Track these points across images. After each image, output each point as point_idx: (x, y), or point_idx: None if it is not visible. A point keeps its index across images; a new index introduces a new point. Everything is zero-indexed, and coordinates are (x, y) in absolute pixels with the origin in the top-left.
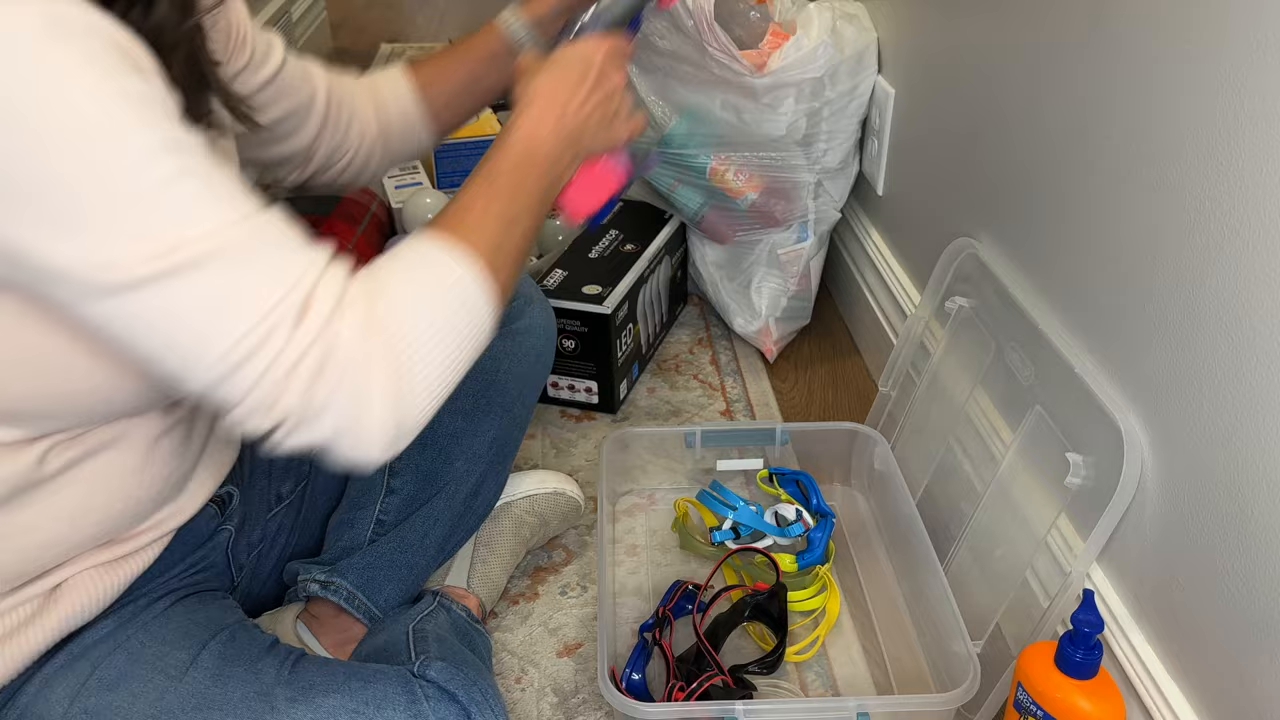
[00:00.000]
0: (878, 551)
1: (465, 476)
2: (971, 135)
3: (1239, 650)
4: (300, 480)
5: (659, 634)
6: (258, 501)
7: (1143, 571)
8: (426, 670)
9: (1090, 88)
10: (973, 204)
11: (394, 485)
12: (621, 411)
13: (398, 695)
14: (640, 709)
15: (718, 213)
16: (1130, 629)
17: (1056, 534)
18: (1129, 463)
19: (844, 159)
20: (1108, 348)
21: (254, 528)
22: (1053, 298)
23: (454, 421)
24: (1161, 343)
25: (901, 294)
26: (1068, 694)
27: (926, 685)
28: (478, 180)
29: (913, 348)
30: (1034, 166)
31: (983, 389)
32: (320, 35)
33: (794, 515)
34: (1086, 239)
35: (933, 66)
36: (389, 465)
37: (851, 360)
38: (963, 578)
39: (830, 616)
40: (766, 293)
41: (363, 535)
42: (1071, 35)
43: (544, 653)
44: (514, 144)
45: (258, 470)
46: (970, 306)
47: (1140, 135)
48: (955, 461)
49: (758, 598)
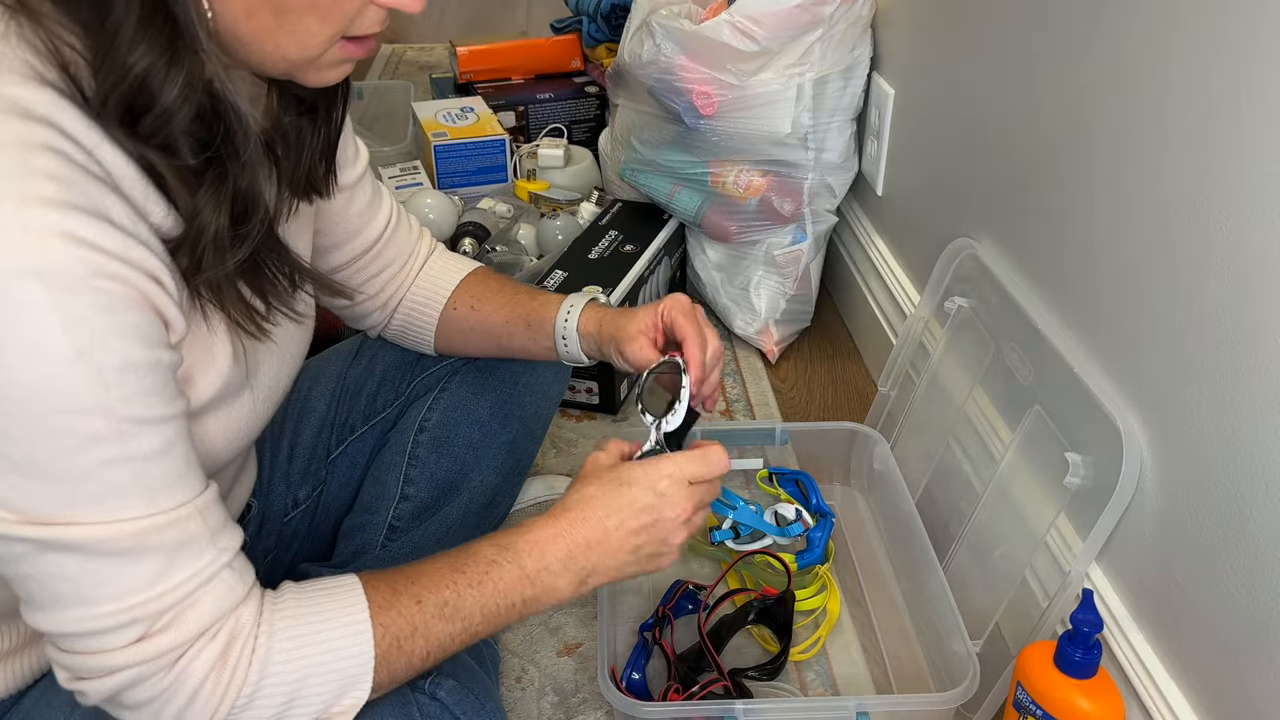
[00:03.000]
0: (877, 551)
1: (480, 486)
2: (971, 136)
3: (1238, 649)
4: (317, 485)
5: (659, 633)
6: (275, 506)
7: (1142, 571)
8: (437, 690)
9: (1090, 88)
10: (972, 204)
11: (408, 492)
12: (622, 411)
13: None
14: (640, 708)
15: (719, 211)
16: (1129, 628)
17: (1056, 533)
18: (1128, 462)
19: (843, 156)
20: (1107, 348)
21: (270, 534)
22: (1052, 298)
23: (471, 433)
24: (1160, 342)
25: (901, 294)
26: (1067, 693)
27: (926, 685)
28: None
29: (912, 348)
30: (1033, 167)
31: (982, 389)
32: None
33: (794, 515)
34: (1086, 239)
35: (933, 66)
36: (404, 472)
37: (851, 360)
38: (962, 577)
39: (830, 616)
40: (765, 294)
41: (375, 540)
42: (1071, 35)
43: (544, 652)
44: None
45: (276, 475)
46: (969, 306)
47: (1140, 135)
48: (954, 461)
49: (766, 602)
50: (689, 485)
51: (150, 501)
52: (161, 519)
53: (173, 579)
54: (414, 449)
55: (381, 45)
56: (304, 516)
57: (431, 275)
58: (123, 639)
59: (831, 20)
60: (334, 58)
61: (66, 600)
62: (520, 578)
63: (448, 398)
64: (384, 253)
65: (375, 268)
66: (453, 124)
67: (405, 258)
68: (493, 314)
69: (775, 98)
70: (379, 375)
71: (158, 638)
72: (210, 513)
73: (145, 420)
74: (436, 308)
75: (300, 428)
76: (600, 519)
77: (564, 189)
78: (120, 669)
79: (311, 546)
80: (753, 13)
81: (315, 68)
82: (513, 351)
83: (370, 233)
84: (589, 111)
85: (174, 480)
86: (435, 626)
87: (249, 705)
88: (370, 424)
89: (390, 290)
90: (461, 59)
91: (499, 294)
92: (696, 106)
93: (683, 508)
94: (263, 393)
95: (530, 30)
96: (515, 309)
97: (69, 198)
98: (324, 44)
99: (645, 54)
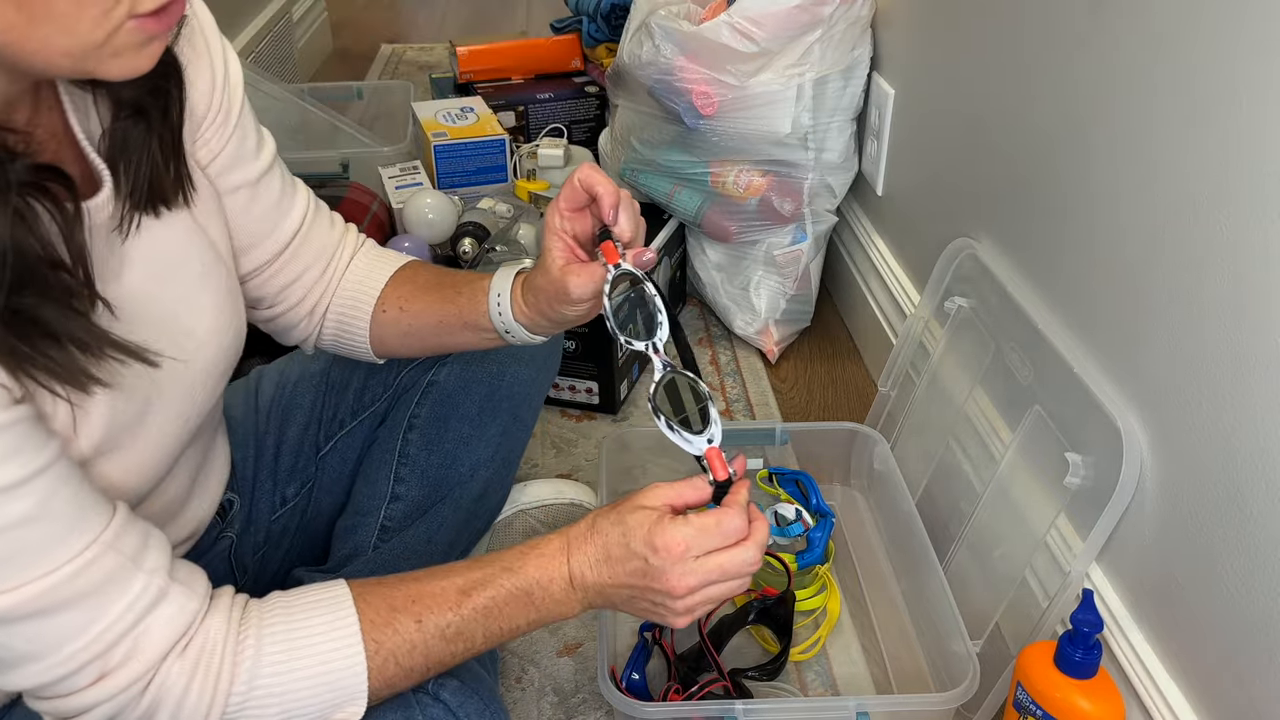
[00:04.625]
0: (877, 551)
1: (471, 481)
2: (971, 135)
3: (1238, 649)
4: (305, 483)
5: (659, 634)
6: (263, 504)
7: (1142, 571)
8: (440, 691)
9: (1089, 88)
10: (972, 204)
11: (399, 491)
12: (622, 411)
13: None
14: (640, 708)
15: (719, 211)
16: (1129, 628)
17: (1056, 533)
18: (1128, 462)
19: (843, 156)
20: (1107, 347)
21: (258, 530)
22: (1052, 298)
23: (460, 427)
24: (1160, 342)
25: (901, 294)
26: (1067, 693)
27: (926, 685)
28: (468, 581)
29: (912, 348)
30: (1033, 167)
31: (982, 389)
32: (321, 36)
33: (794, 515)
34: (1085, 239)
35: (933, 66)
36: (395, 470)
37: (851, 360)
38: (962, 577)
39: (830, 616)
40: (765, 294)
41: (367, 541)
42: (1071, 35)
43: (544, 652)
44: (528, 572)
45: (263, 473)
46: (969, 306)
47: (1139, 135)
48: (954, 461)
49: (766, 603)
50: (692, 560)
51: (50, 558)
52: (66, 570)
53: (106, 618)
54: (404, 447)
55: (381, 45)
56: (293, 514)
57: (356, 276)
58: (84, 680)
59: (831, 20)
60: (130, 40)
61: (13, 662)
62: (527, 605)
63: (436, 392)
64: (300, 253)
65: (292, 272)
66: (453, 124)
67: (327, 259)
68: (423, 314)
69: (775, 98)
70: (365, 369)
71: (118, 673)
72: (124, 540)
73: (12, 485)
74: (366, 311)
75: (286, 424)
76: (597, 563)
77: None
78: (94, 706)
79: (305, 545)
80: (752, 14)
81: (111, 54)
82: (461, 348)
83: (282, 233)
84: (589, 111)
85: (69, 527)
86: (436, 646)
87: (240, 712)
88: (359, 419)
89: (315, 297)
90: (461, 59)
91: (426, 291)
92: (696, 107)
93: (674, 585)
94: (172, 414)
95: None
96: (446, 307)
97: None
98: (99, 25)
99: (644, 55)
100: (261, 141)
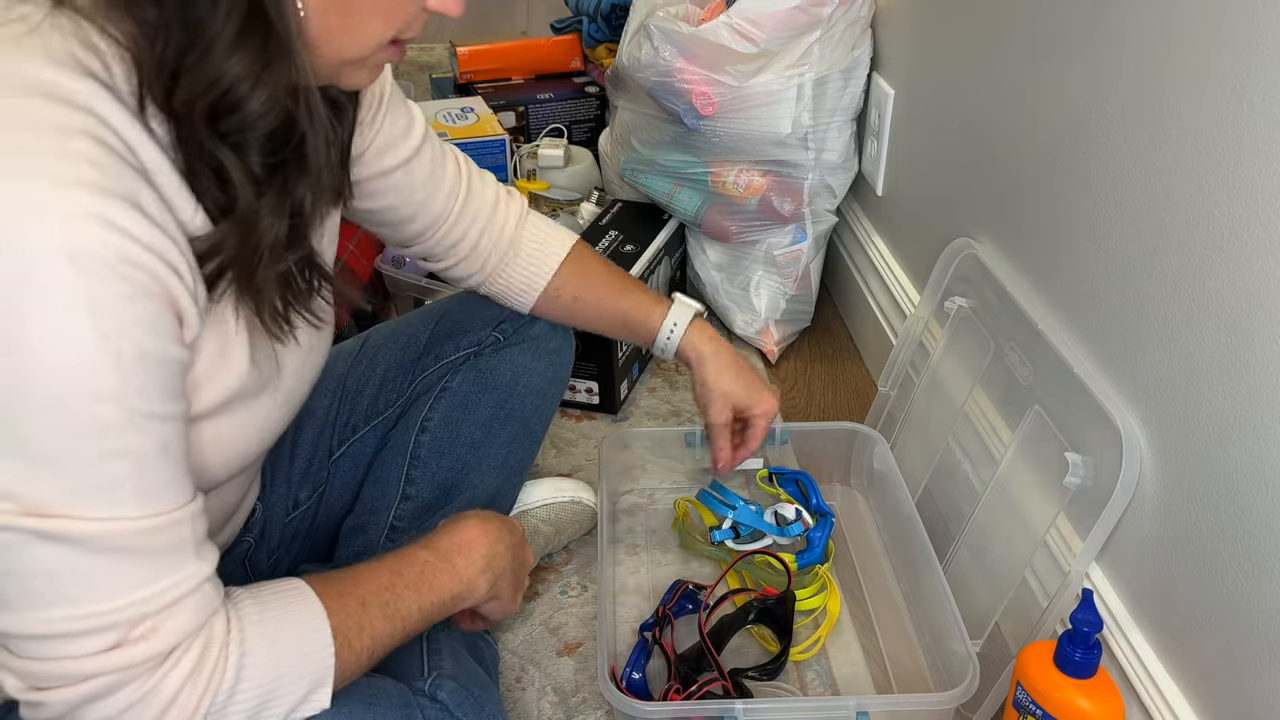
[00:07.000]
0: (877, 551)
1: (481, 486)
2: (971, 135)
3: (1238, 649)
4: (318, 486)
5: (659, 633)
6: (278, 508)
7: (1142, 571)
8: (438, 691)
9: (1089, 88)
10: (972, 204)
11: (409, 492)
12: (622, 411)
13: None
14: (640, 708)
15: (719, 211)
16: (1129, 628)
17: (1055, 533)
18: (1128, 462)
19: (843, 156)
20: (1107, 348)
21: (273, 534)
22: (1052, 298)
23: (472, 432)
24: (1160, 342)
25: (901, 294)
26: (1067, 693)
27: (926, 684)
28: (399, 562)
29: (912, 348)
30: (1033, 166)
31: (982, 389)
32: None
33: (794, 515)
34: (1085, 239)
35: (933, 66)
36: (406, 472)
37: (851, 360)
38: (962, 577)
39: (830, 616)
40: (765, 294)
41: (376, 541)
42: (1071, 34)
43: (544, 652)
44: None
45: (278, 477)
46: (969, 306)
47: (1139, 135)
48: (954, 461)
49: (766, 603)
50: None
51: (146, 502)
52: (155, 521)
53: (158, 584)
54: (415, 449)
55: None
56: (305, 517)
57: (530, 252)
58: (95, 645)
59: (830, 21)
60: (378, 59)
61: (44, 599)
62: (451, 577)
63: (449, 397)
64: (461, 218)
65: (456, 234)
66: (453, 124)
67: (486, 217)
68: (592, 310)
69: (775, 98)
70: (380, 376)
71: (133, 647)
72: (199, 522)
73: (151, 415)
74: (538, 287)
75: (301, 428)
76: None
77: (564, 189)
78: (90, 677)
79: (312, 547)
80: (751, 14)
81: (361, 68)
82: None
83: (436, 204)
84: (589, 111)
85: (169, 483)
86: (379, 626)
87: (224, 709)
88: (372, 424)
89: (484, 255)
90: (461, 59)
91: (598, 289)
92: (696, 107)
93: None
94: (284, 395)
95: (530, 30)
96: (616, 315)
97: (104, 183)
98: (378, 46)
99: (644, 57)
100: (411, 120)
